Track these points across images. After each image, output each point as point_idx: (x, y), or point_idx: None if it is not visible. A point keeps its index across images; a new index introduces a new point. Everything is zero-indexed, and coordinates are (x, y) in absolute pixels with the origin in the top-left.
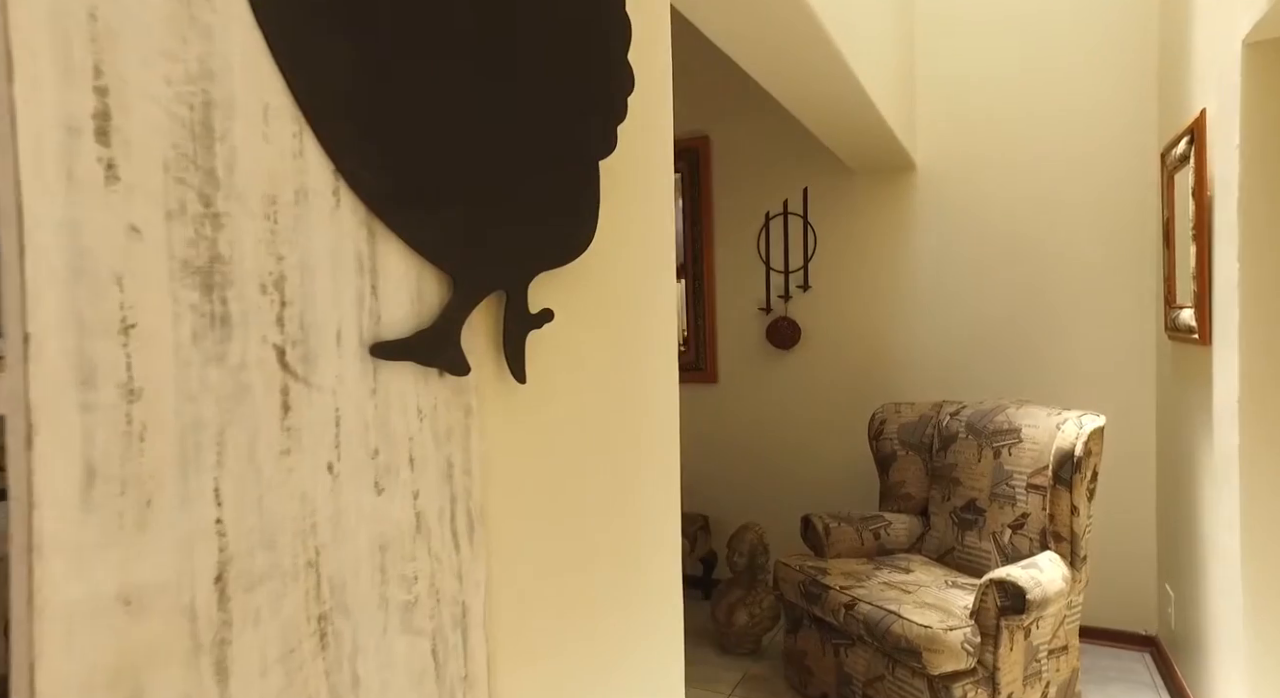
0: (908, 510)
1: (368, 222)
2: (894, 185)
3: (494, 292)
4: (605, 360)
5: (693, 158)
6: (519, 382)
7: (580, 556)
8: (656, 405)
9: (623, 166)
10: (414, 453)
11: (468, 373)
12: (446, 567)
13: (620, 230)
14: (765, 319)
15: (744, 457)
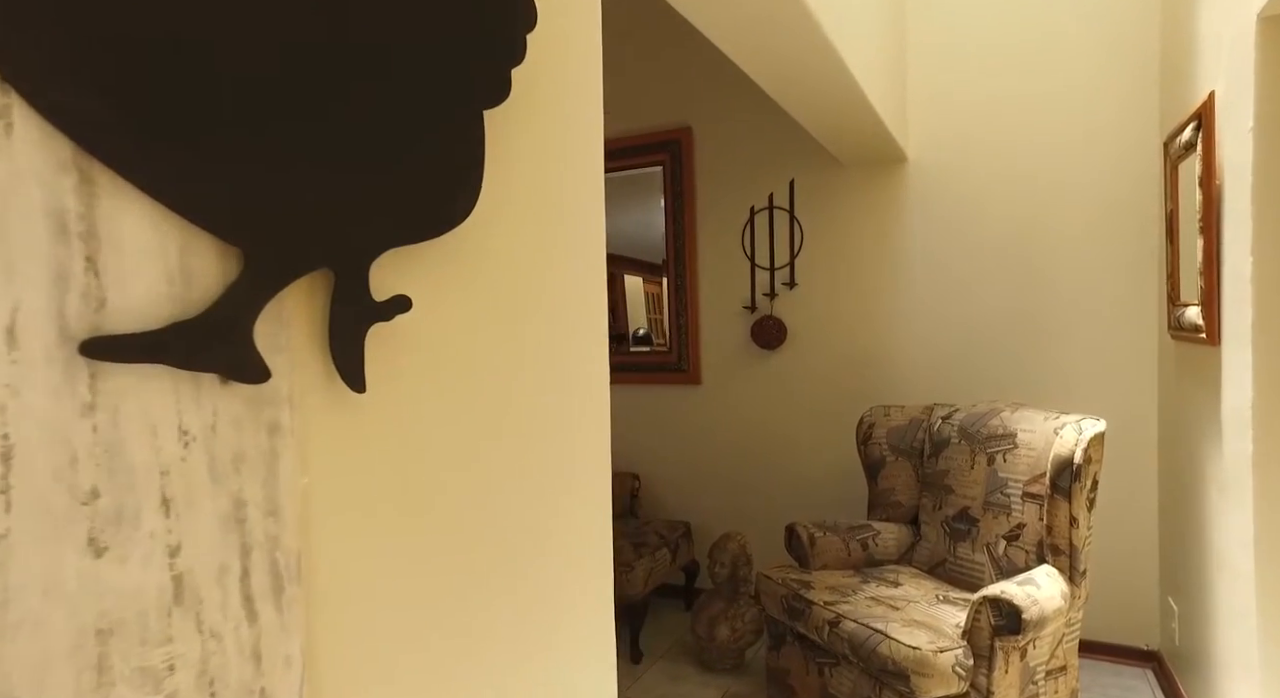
0: (897, 519)
1: (77, 163)
2: (884, 179)
3: (314, 272)
4: (498, 365)
5: (674, 150)
6: (355, 390)
7: (460, 612)
8: (577, 420)
9: (525, 121)
10: (170, 492)
11: (266, 379)
12: (232, 645)
13: (520, 200)
14: (750, 318)
15: (728, 461)
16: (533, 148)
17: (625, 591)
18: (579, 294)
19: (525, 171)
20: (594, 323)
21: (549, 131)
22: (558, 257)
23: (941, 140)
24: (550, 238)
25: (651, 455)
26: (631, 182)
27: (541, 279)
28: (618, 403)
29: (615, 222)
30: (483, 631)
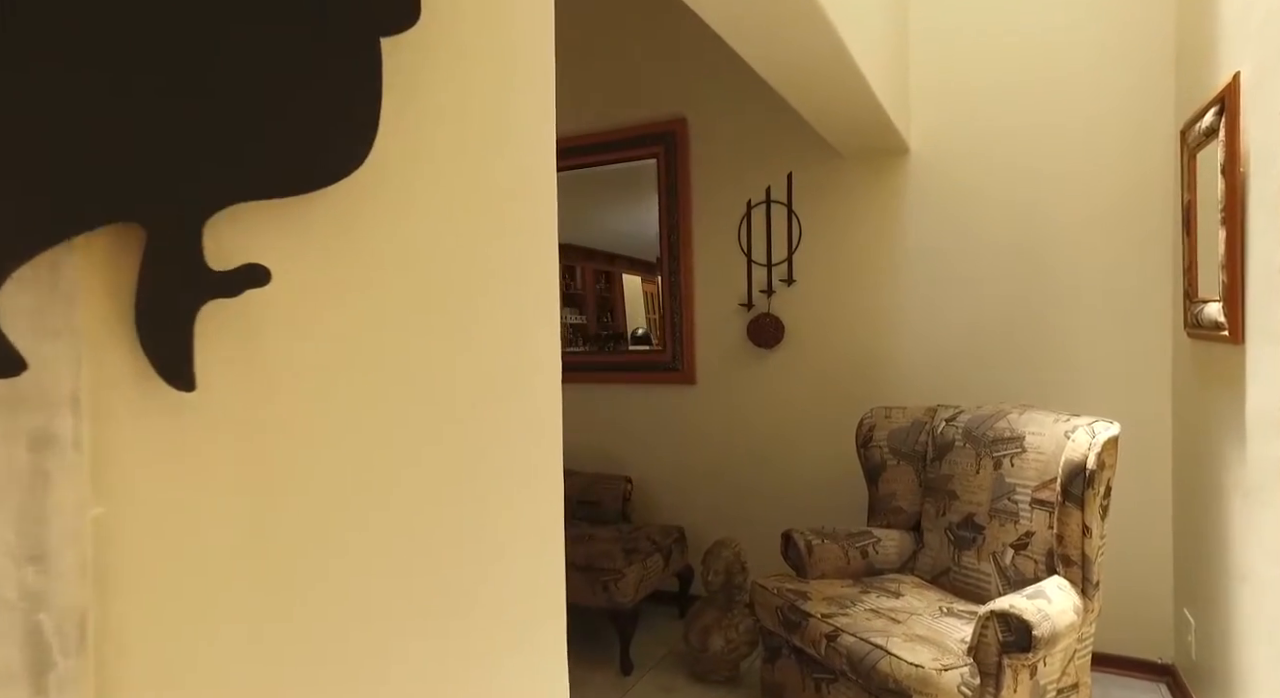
0: (899, 526)
1: None
2: (885, 171)
3: (114, 227)
4: (407, 360)
5: (669, 142)
6: (179, 388)
7: (338, 675)
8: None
9: (450, 56)
10: None
11: (18, 371)
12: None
13: (443, 155)
14: (746, 316)
15: (723, 464)
16: (461, 90)
17: (615, 599)
18: (519, 271)
19: (451, 119)
20: (541, 309)
21: (484, 71)
22: (493, 225)
23: (945, 130)
24: (485, 203)
25: (644, 458)
26: (624, 175)
27: (471, 253)
28: (610, 404)
29: (608, 218)
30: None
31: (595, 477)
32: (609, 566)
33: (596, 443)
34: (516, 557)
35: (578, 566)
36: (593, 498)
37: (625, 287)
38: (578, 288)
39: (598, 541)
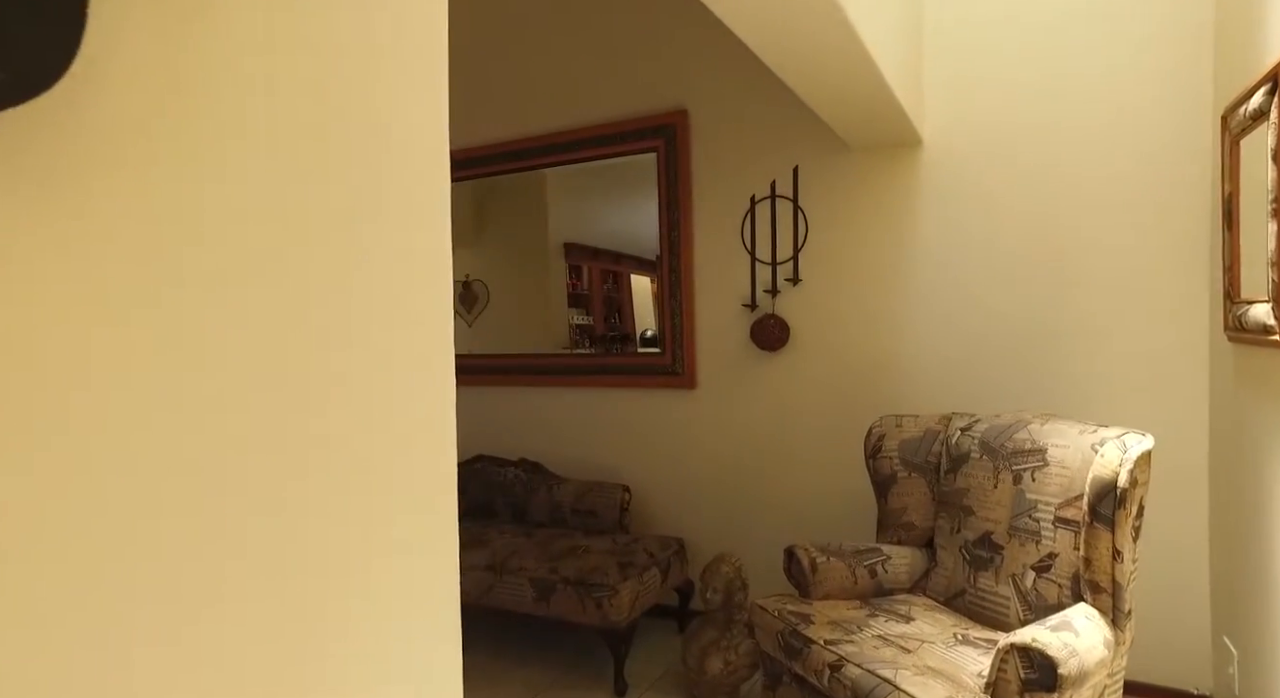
0: (910, 543)
1: None
2: (897, 164)
3: None
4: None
5: (669, 135)
6: None
7: None
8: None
9: None
10: None
11: None
12: None
13: (215, 58)
14: (750, 317)
15: (725, 474)
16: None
17: (609, 617)
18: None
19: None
20: (433, 287)
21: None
22: (318, 166)
23: (960, 121)
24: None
25: (643, 466)
26: (624, 171)
27: (285, 212)
28: (607, 409)
29: (611, 216)
30: None
31: (591, 485)
32: (602, 581)
33: (593, 450)
34: (373, 574)
35: (570, 580)
36: (588, 507)
37: (633, 287)
38: (584, 288)
39: (592, 553)
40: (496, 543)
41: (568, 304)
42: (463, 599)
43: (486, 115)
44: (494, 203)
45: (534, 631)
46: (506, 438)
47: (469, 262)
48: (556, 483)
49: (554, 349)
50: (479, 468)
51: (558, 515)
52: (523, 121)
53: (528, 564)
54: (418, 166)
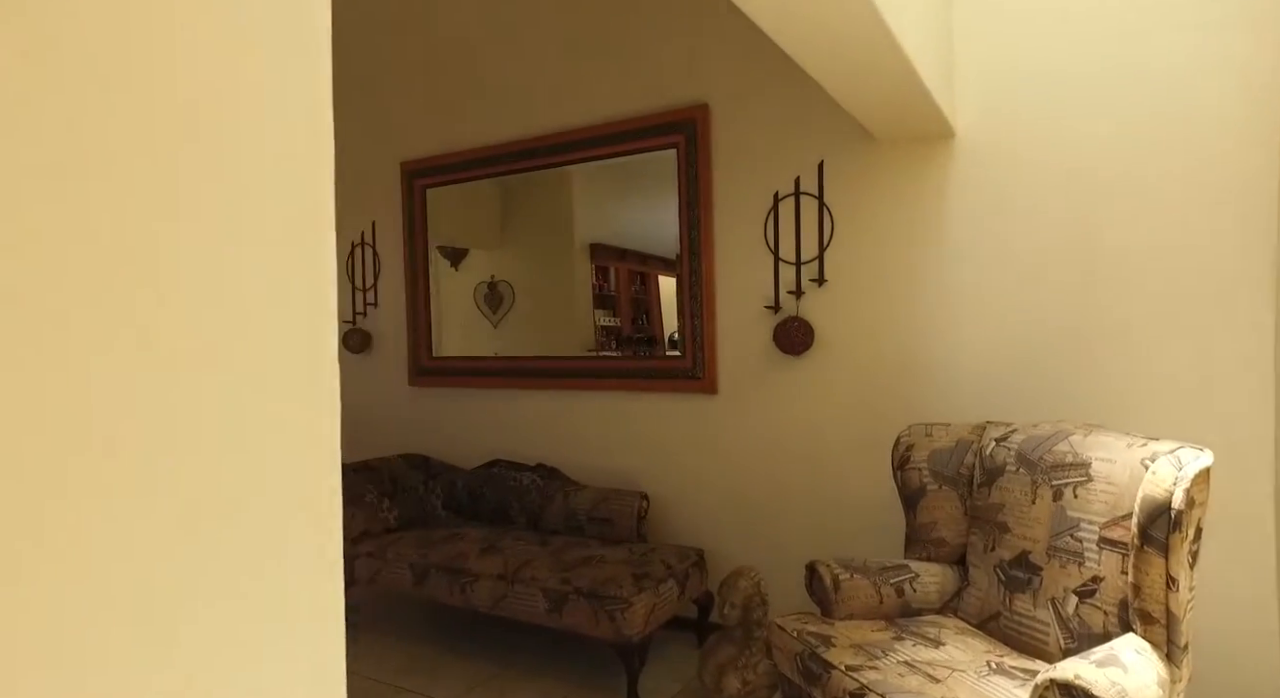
0: (940, 559)
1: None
2: (928, 158)
3: None
4: None
5: (689, 131)
6: None
7: None
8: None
9: None
10: None
11: None
12: None
13: None
14: (773, 319)
15: (746, 482)
16: None
17: (622, 631)
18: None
19: None
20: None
21: None
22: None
23: (996, 112)
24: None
25: (662, 473)
26: (646, 168)
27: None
28: (626, 414)
29: (634, 216)
30: None
31: (608, 492)
32: (616, 593)
33: (611, 456)
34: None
35: (582, 592)
36: (605, 515)
37: (661, 289)
38: (611, 289)
39: (606, 563)
40: (510, 551)
41: (594, 305)
42: (474, 608)
43: (503, 112)
44: (519, 203)
45: (547, 641)
46: (524, 442)
47: (494, 262)
48: (573, 489)
49: (579, 351)
50: (495, 472)
51: (574, 523)
52: (541, 118)
53: (540, 574)
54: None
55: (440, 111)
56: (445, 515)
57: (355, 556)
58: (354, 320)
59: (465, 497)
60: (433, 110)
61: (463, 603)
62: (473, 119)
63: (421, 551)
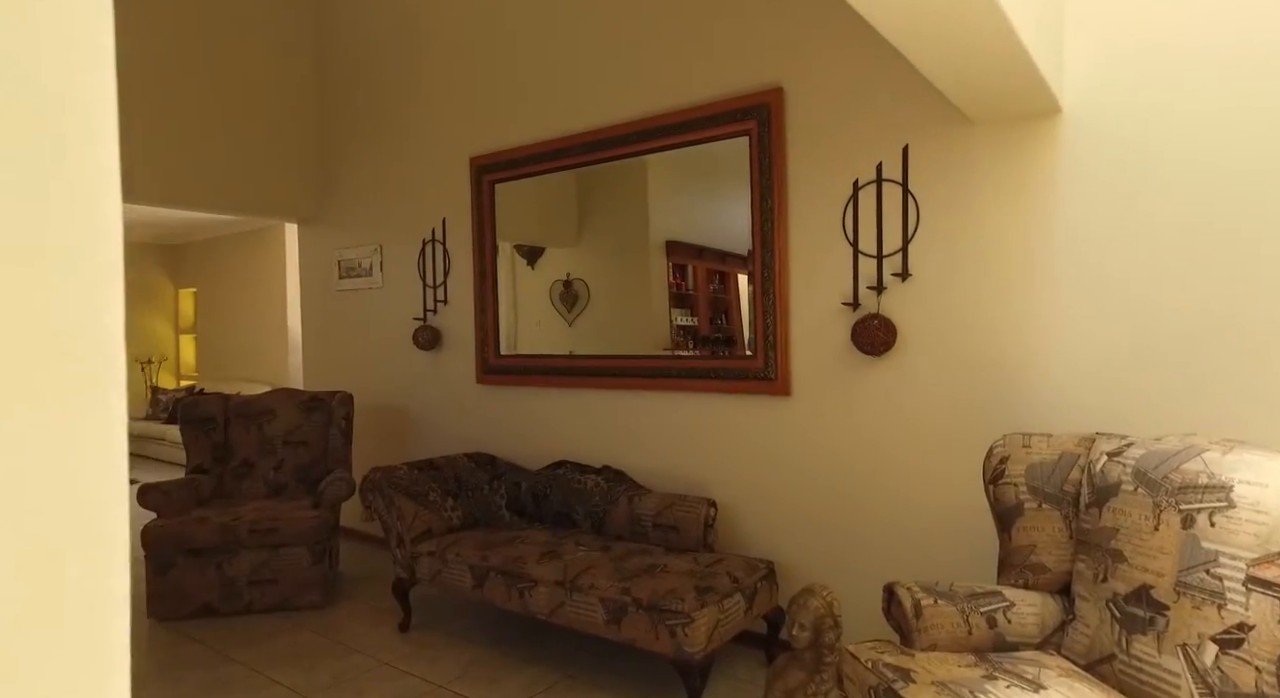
0: (1039, 588)
1: None
2: (1029, 138)
3: None
4: None
5: (762, 116)
6: None
7: None
8: None
9: None
10: None
11: None
12: None
13: None
14: (851, 317)
15: (821, 491)
16: None
17: (683, 648)
18: None
19: None
20: None
21: None
22: None
23: (1112, 84)
24: None
25: (732, 479)
26: (721, 161)
27: None
28: (693, 415)
29: (709, 210)
30: None
31: (675, 498)
32: (677, 607)
33: (679, 460)
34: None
35: (642, 604)
36: (670, 522)
37: (741, 287)
38: (689, 288)
39: (669, 574)
40: (570, 557)
41: (671, 304)
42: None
43: (570, 104)
44: (594, 201)
45: (608, 653)
46: (591, 443)
47: (570, 260)
48: (638, 494)
49: (654, 351)
50: (560, 474)
51: (638, 529)
52: (609, 108)
53: (600, 582)
54: None
55: (508, 105)
56: (509, 517)
57: (417, 555)
58: (424, 317)
59: (529, 498)
60: (501, 104)
61: (521, 609)
62: (540, 112)
63: (481, 552)
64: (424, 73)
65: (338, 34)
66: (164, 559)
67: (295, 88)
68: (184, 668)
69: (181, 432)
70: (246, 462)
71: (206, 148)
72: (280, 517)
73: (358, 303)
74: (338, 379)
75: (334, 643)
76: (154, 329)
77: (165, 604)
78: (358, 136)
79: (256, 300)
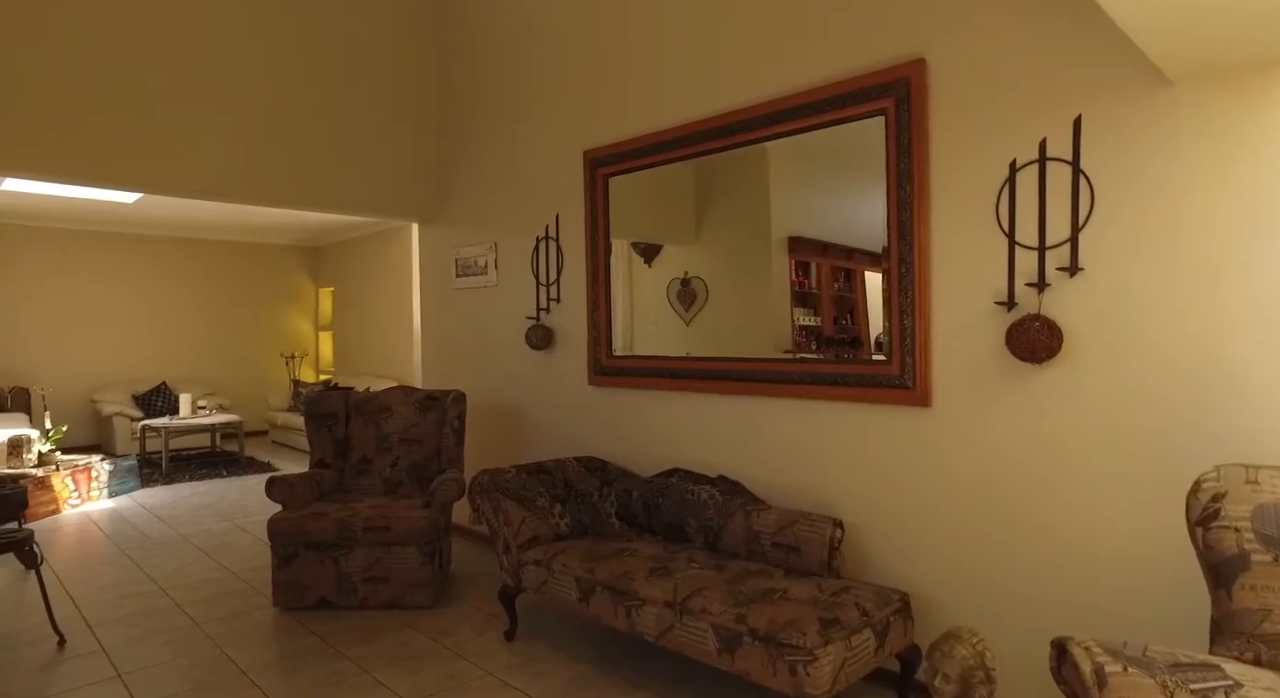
0: (1277, 666)
1: None
2: (1246, 97)
3: None
4: None
5: (900, 92)
6: None
7: None
8: None
9: None
10: None
11: None
12: None
13: None
14: (1005, 318)
15: (967, 517)
16: None
17: (804, 688)
18: None
19: None
20: None
21: None
22: None
23: None
24: None
25: (860, 497)
26: (851, 150)
27: None
28: (818, 425)
29: (836, 204)
30: None
31: (797, 514)
32: (798, 642)
33: (802, 472)
34: None
35: (759, 635)
36: (791, 541)
37: (868, 285)
38: (812, 286)
39: (789, 601)
40: (680, 575)
41: (793, 303)
42: (640, 635)
43: (685, 90)
44: (713, 196)
45: (721, 682)
46: (707, 451)
47: (688, 258)
48: (756, 508)
49: (774, 353)
50: (673, 483)
51: (756, 547)
52: (727, 93)
53: (712, 606)
54: None
55: (621, 94)
56: (618, 525)
57: (523, 562)
58: (537, 316)
59: (640, 507)
60: (614, 93)
61: (628, 628)
62: (654, 99)
63: (588, 564)
64: (536, 65)
65: (456, 35)
66: (287, 551)
67: (418, 88)
68: (300, 659)
69: (306, 427)
70: (365, 458)
71: (335, 151)
72: (391, 516)
73: (473, 301)
74: (454, 377)
75: (440, 647)
76: (297, 326)
77: (288, 594)
78: (474, 133)
79: (387, 299)
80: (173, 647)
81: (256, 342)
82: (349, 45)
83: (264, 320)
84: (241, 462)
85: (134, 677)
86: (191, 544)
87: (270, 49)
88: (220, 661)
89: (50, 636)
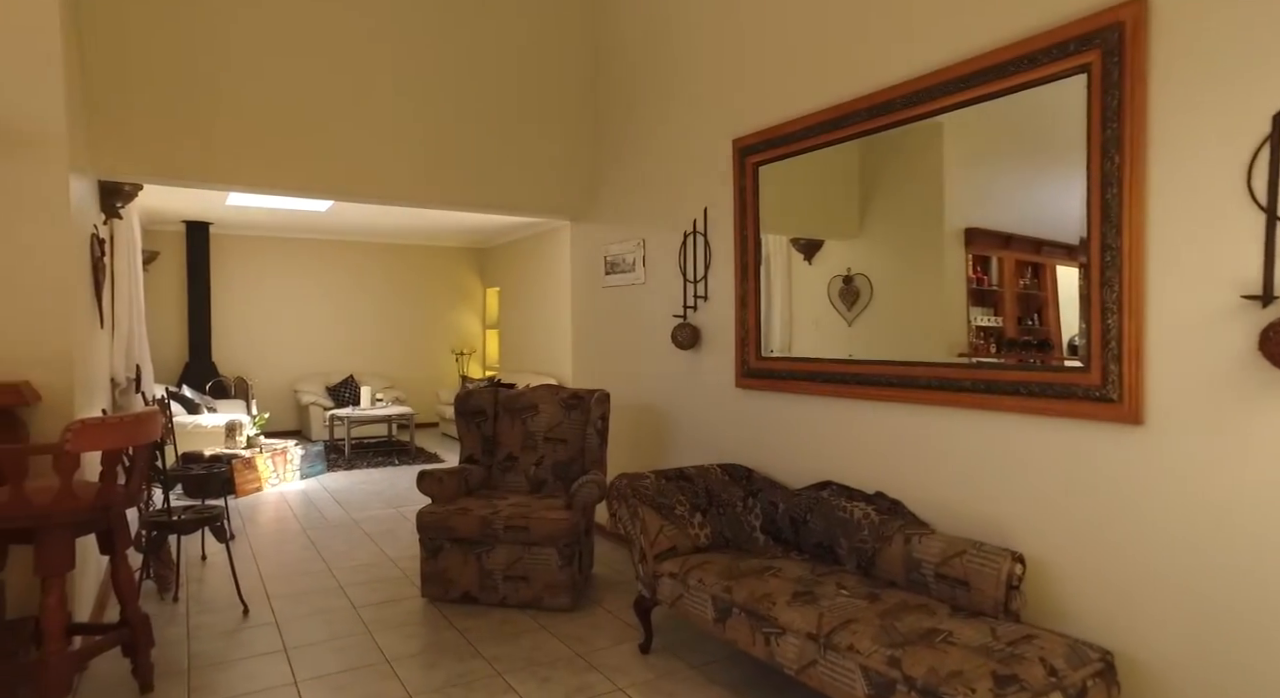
0: None
1: None
2: None
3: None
4: None
5: (1109, 43)
6: None
7: None
8: None
9: None
10: None
11: None
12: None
13: None
14: (1259, 316)
15: (1194, 559)
16: None
17: None
18: None
19: None
20: None
21: None
22: None
23: None
24: None
25: (1046, 528)
26: (1045, 124)
27: None
28: (992, 440)
29: (1022, 190)
30: None
31: (966, 543)
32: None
33: (974, 494)
34: None
35: (916, 685)
36: (958, 574)
37: (1059, 282)
38: (992, 283)
39: (955, 647)
40: (827, 603)
41: (970, 302)
42: (777, 667)
43: (841, 64)
44: (879, 184)
45: None
46: (862, 464)
47: (851, 254)
48: (918, 533)
49: (945, 356)
50: (824, 497)
51: (916, 577)
52: (888, 64)
53: (862, 644)
54: None
55: (770, 75)
56: (762, 541)
57: (659, 574)
58: (684, 315)
59: (786, 522)
60: (762, 75)
61: (765, 657)
62: (806, 78)
63: (726, 583)
64: (682, 55)
65: (606, 33)
66: (434, 544)
67: (569, 88)
68: (439, 654)
69: (455, 422)
70: (511, 455)
71: (495, 154)
72: (531, 516)
73: (620, 299)
74: (601, 376)
75: (574, 654)
76: (466, 324)
77: (434, 586)
78: (624, 129)
79: (547, 299)
80: (331, 628)
81: (430, 338)
82: (514, 52)
83: (437, 318)
84: (412, 452)
85: (296, 654)
86: (361, 529)
87: (444, 59)
88: (369, 647)
89: (239, 603)
